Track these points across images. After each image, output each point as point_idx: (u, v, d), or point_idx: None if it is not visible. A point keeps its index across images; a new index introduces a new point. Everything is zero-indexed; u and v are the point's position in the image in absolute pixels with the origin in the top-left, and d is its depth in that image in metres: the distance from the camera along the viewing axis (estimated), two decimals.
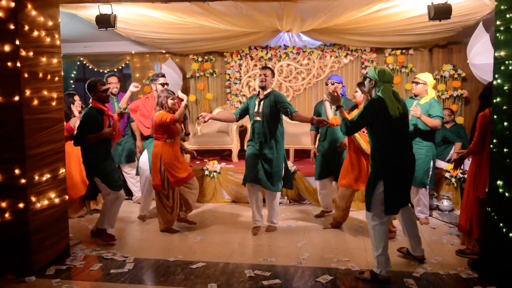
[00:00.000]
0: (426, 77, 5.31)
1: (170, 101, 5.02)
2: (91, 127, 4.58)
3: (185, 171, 5.15)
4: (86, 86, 4.71)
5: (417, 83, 5.28)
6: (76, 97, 5.66)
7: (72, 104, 5.55)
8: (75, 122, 5.46)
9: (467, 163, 6.36)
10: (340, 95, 5.50)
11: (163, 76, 5.81)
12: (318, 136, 5.71)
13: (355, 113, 4.76)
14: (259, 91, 5.15)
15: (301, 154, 7.64)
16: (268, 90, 5.07)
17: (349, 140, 4.89)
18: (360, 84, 4.83)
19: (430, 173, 5.33)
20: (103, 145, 4.74)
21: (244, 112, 5.25)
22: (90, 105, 4.67)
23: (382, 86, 3.74)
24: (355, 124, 3.81)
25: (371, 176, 3.83)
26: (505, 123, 3.47)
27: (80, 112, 5.62)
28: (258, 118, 5.03)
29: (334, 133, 5.48)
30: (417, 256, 4.17)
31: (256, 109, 5.05)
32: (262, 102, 5.03)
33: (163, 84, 5.65)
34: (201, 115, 4.96)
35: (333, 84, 5.50)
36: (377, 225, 3.77)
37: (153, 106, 5.46)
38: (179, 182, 5.07)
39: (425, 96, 5.23)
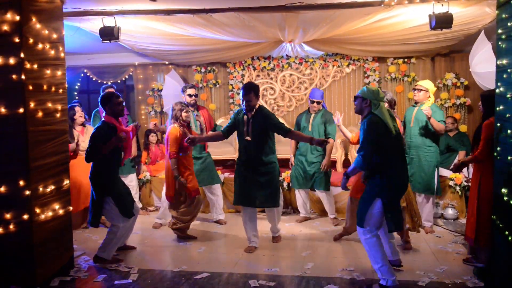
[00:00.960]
0: (428, 84, 5.38)
1: (184, 114, 5.04)
2: (103, 142, 4.26)
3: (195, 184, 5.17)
4: (100, 100, 4.45)
5: (419, 90, 5.34)
6: (77, 109, 5.71)
7: (74, 116, 5.60)
8: (73, 148, 5.45)
9: (471, 170, 6.37)
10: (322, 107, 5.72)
11: (192, 87, 5.90)
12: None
13: None
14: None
15: None
16: (255, 108, 4.77)
17: None
18: None
19: (436, 179, 5.33)
20: (116, 162, 4.50)
21: (231, 128, 4.94)
22: (104, 120, 4.41)
23: (379, 104, 3.75)
24: (368, 152, 3.68)
25: (367, 193, 3.81)
26: (509, 131, 3.47)
27: (83, 125, 5.65)
28: (248, 138, 4.74)
29: (311, 147, 5.71)
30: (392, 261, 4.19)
31: (245, 128, 4.75)
32: (251, 121, 4.73)
33: (190, 95, 5.76)
34: (188, 138, 4.74)
35: (319, 103, 5.69)
36: (369, 238, 3.78)
37: None
38: (197, 191, 5.12)
39: (425, 103, 5.27)
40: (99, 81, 8.82)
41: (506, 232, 3.49)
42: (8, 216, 3.82)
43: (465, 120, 7.72)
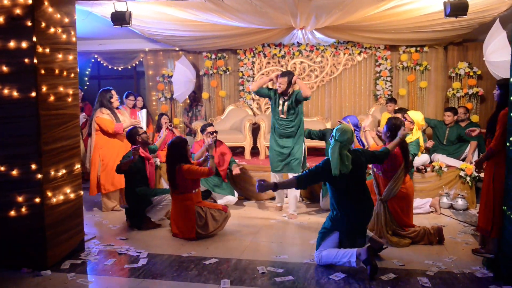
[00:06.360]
0: (416, 116, 5.51)
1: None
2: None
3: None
4: (130, 135, 5.43)
5: (406, 119, 5.48)
6: (113, 92, 6.00)
7: (111, 99, 5.92)
8: (126, 125, 5.94)
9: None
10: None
11: (211, 125, 6.19)
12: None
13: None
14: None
15: (314, 152, 7.62)
16: (291, 91, 5.57)
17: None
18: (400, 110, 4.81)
19: None
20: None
21: (263, 93, 5.75)
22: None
23: (333, 143, 3.88)
24: (307, 177, 3.97)
25: (328, 223, 4.03)
26: None
27: (117, 108, 6.03)
28: (283, 116, 5.60)
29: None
30: None
31: (281, 108, 5.59)
32: (286, 103, 5.56)
33: (211, 133, 6.01)
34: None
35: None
36: (321, 253, 3.99)
37: None
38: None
39: (409, 136, 5.30)
40: (110, 67, 8.84)
41: None
42: (20, 199, 3.87)
43: (477, 110, 7.65)
